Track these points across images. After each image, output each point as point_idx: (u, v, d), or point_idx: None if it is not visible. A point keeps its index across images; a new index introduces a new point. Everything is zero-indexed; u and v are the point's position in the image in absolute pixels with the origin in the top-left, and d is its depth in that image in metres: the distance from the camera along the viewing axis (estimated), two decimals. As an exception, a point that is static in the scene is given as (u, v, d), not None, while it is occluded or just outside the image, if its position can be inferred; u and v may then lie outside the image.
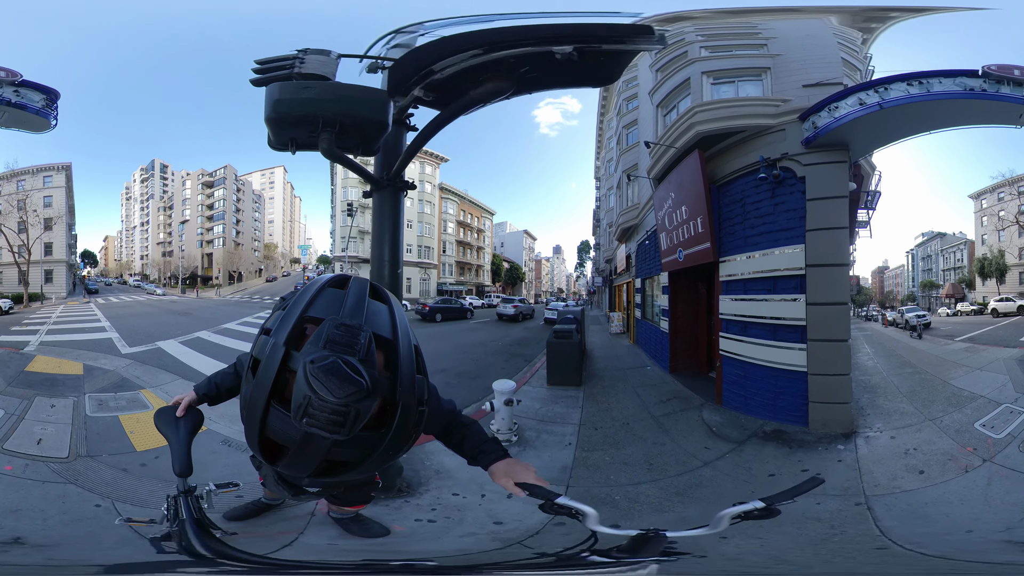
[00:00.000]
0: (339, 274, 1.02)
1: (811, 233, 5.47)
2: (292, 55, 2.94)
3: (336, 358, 0.80)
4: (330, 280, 1.01)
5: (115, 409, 6.29)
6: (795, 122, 6.30)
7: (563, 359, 8.27)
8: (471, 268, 66.22)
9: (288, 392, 0.84)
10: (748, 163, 6.60)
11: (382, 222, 3.71)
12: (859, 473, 4.64)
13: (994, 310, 29.65)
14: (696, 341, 9.34)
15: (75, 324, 16.05)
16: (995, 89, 5.63)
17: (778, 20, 9.02)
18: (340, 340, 0.84)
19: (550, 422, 6.28)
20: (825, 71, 7.55)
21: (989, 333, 16.56)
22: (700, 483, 4.44)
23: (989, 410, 6.09)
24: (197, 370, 8.47)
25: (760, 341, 6.10)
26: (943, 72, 5.83)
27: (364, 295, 0.97)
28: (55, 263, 47.98)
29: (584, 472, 4.82)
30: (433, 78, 2.78)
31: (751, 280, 6.31)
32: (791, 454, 5.06)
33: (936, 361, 10.66)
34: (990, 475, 4.52)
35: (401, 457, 1.02)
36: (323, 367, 0.77)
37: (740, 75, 8.14)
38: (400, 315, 0.98)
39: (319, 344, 0.83)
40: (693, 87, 8.19)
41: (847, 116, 5.53)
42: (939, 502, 4.05)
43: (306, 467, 0.89)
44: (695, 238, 7.12)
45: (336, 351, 0.82)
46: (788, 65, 7.85)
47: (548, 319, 23.05)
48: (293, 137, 2.72)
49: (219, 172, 66.38)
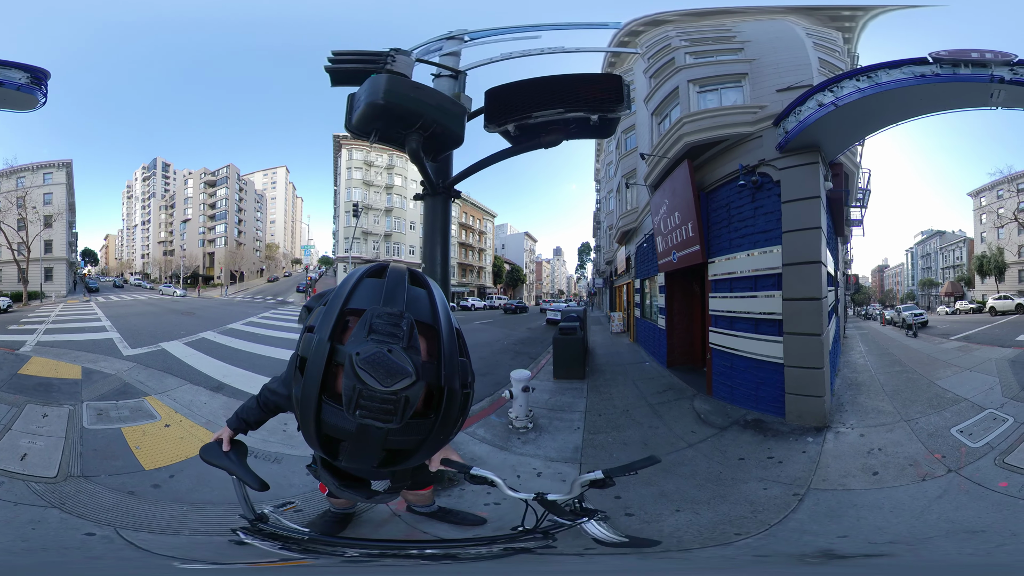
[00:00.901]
0: (377, 262, 1.02)
1: (786, 234, 5.98)
2: (384, 52, 3.16)
3: (380, 347, 0.81)
4: (368, 270, 1.01)
5: (117, 420, 5.74)
6: (771, 128, 6.63)
7: (568, 354, 8.88)
8: (473, 270, 66.51)
9: (338, 386, 0.85)
10: (732, 170, 7.10)
11: (434, 225, 3.94)
12: (816, 467, 4.69)
13: (992, 308, 29.95)
14: (691, 337, 9.89)
15: (74, 323, 15.82)
16: (950, 72, 5.60)
17: (745, 22, 9.46)
18: (383, 329, 0.85)
19: (559, 410, 6.87)
20: (796, 74, 7.83)
21: (985, 332, 16.68)
22: (682, 461, 4.93)
23: (971, 415, 5.83)
24: (205, 374, 8.29)
25: (744, 335, 6.66)
26: (888, 64, 5.81)
27: (403, 282, 0.97)
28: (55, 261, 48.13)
29: (591, 451, 5.39)
30: (527, 121, 3.17)
31: (736, 279, 6.87)
32: (764, 442, 5.43)
33: (927, 360, 10.89)
34: (948, 487, 4.19)
35: (451, 441, 1.06)
36: (368, 358, 0.79)
37: (722, 82, 8.47)
38: (440, 299, 0.98)
39: (363, 335, 0.84)
40: (681, 96, 8.61)
41: (809, 119, 5.86)
42: (870, 506, 3.93)
43: (370, 457, 0.91)
44: (686, 241, 7.71)
45: (380, 340, 0.83)
46: (763, 70, 8.18)
47: (551, 319, 23.61)
48: (379, 128, 2.88)
49: (221, 171, 66.94)
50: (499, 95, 3.09)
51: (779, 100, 7.12)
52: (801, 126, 5.87)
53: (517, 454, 5.28)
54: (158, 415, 6.10)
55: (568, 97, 2.94)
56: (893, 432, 5.56)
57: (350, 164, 48.98)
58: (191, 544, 3.29)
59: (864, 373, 9.52)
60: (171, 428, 5.74)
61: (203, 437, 5.33)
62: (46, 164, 45.77)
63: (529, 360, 11.62)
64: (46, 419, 5.56)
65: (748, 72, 8.22)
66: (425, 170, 3.59)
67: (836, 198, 8.96)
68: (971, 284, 50.31)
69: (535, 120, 2.93)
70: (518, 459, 5.14)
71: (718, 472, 4.67)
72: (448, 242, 3.85)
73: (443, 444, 0.96)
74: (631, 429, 6.10)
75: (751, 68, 8.29)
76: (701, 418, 6.24)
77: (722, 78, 8.45)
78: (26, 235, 36.08)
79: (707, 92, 8.49)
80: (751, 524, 3.64)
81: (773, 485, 4.32)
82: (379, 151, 50.42)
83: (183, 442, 5.33)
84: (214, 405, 6.78)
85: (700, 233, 7.30)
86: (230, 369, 8.79)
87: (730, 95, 8.19)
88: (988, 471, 4.38)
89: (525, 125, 3.02)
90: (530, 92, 3.03)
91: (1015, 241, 41.42)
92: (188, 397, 6.97)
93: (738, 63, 8.55)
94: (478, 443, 5.53)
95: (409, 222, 51.75)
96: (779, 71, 8.06)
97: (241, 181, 65.77)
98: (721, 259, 7.21)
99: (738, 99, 8.12)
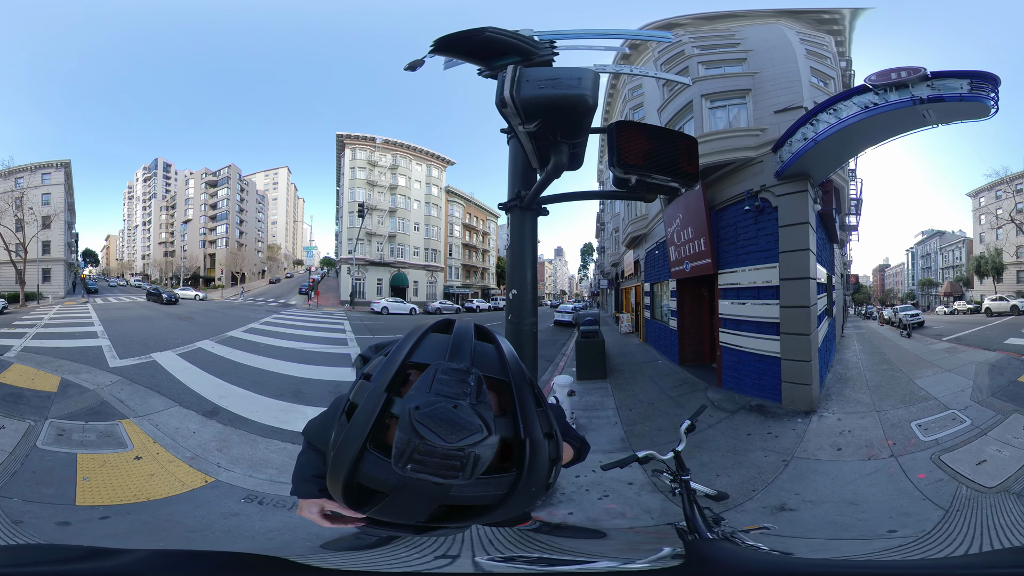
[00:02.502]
0: (442, 319, 1.01)
1: (783, 254, 7.37)
2: (547, 40, 3.14)
3: (445, 403, 0.79)
4: (433, 326, 0.99)
5: (76, 445, 5.21)
6: (770, 154, 7.76)
7: (591, 356, 9.89)
8: (477, 271, 67.18)
9: (388, 439, 0.81)
10: (737, 192, 8.44)
11: (523, 240, 3.68)
12: (800, 441, 5.98)
13: (987, 309, 31.29)
14: (700, 337, 11.27)
15: (66, 328, 15.69)
16: (884, 101, 6.05)
17: (746, 26, 10.39)
18: (448, 384, 0.82)
19: (593, 409, 7.74)
20: (790, 91, 8.75)
21: (976, 334, 17.64)
22: (708, 439, 6.26)
23: (934, 412, 6.56)
24: (199, 394, 7.65)
25: (749, 334, 8.07)
26: (842, 95, 6.51)
27: (470, 338, 0.96)
28: (53, 262, 48.64)
29: (635, 440, 6.39)
30: (647, 179, 2.91)
31: (742, 289, 8.28)
32: (765, 422, 6.79)
33: (914, 360, 11.75)
34: (880, 468, 5.08)
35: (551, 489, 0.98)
36: (430, 412, 0.77)
37: (730, 97, 9.45)
38: (510, 352, 0.97)
39: (425, 389, 0.82)
40: (695, 111, 9.71)
41: (799, 152, 6.86)
42: (824, 473, 5.07)
43: (416, 513, 0.87)
44: (699, 254, 9.10)
45: (444, 395, 0.80)
46: (764, 85, 9.15)
47: (558, 322, 24.35)
48: (553, 121, 2.64)
49: (223, 171, 67.77)
50: (632, 137, 2.80)
51: (777, 122, 8.27)
52: (793, 158, 7.10)
53: (575, 453, 6.32)
54: (130, 444, 5.43)
55: (676, 168, 2.87)
56: (864, 419, 6.66)
57: (353, 164, 49.54)
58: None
59: (854, 370, 10.68)
60: (142, 461, 5.05)
61: (182, 477, 4.77)
62: (44, 164, 46.58)
63: (547, 363, 12.30)
64: (3, 431, 5.32)
65: (752, 88, 9.23)
66: (544, 184, 3.34)
67: (827, 213, 10.31)
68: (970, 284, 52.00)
69: (651, 180, 2.83)
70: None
71: (734, 445, 6.07)
72: (536, 260, 3.77)
73: (540, 495, 0.94)
74: (660, 418, 7.27)
75: (754, 83, 9.26)
76: (715, 405, 7.60)
77: (730, 93, 9.42)
78: (23, 236, 36.85)
79: (717, 109, 9.53)
80: (758, 483, 5.06)
81: (771, 454, 5.75)
82: (383, 151, 51.30)
83: (152, 480, 4.64)
84: (204, 436, 5.91)
85: (711, 248, 8.70)
86: (228, 389, 8.06)
87: (736, 112, 9.21)
88: (921, 463, 5.07)
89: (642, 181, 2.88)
90: (657, 142, 2.85)
91: (1013, 242, 42.97)
92: (174, 423, 6.24)
93: (743, 76, 9.51)
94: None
95: (413, 223, 52.38)
96: (776, 87, 9.04)
97: (242, 182, 66.60)
98: (729, 271, 8.62)
99: (743, 115, 9.15)
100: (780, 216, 7.52)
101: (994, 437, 5.49)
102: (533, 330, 3.64)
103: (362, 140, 50.38)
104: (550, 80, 2.49)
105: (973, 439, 5.52)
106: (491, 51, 3.19)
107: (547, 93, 2.48)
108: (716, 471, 5.28)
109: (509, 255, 3.76)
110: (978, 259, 49.55)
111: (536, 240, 3.88)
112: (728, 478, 5.10)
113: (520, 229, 3.70)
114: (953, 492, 4.44)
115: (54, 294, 42.43)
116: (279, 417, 6.83)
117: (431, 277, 54.08)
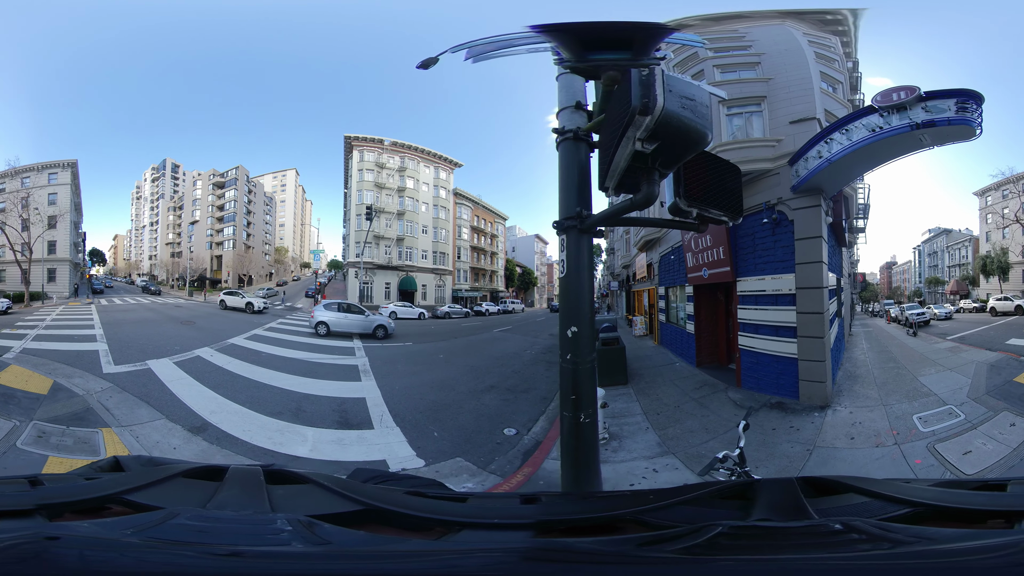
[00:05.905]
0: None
1: (798, 265, 8.13)
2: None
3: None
4: None
5: (51, 448, 5.34)
6: (786, 167, 8.32)
7: (612, 363, 10.16)
8: (485, 274, 67.31)
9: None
10: (755, 203, 8.97)
11: (579, 262, 3.23)
12: (819, 433, 6.62)
13: (992, 309, 32.04)
14: (716, 340, 12.03)
15: (66, 330, 15.99)
16: (888, 124, 6.43)
17: (755, 28, 10.65)
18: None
19: (621, 416, 7.83)
20: (803, 100, 9.09)
21: (980, 334, 18.27)
22: (738, 436, 7.11)
23: (934, 407, 7.23)
24: (189, 407, 7.25)
25: (767, 337, 8.85)
26: (853, 115, 6.89)
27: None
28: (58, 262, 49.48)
29: (670, 443, 6.55)
30: (705, 213, 2.83)
31: (761, 296, 9.05)
32: (785, 417, 7.46)
33: (918, 358, 12.47)
34: (885, 454, 5.75)
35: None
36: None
37: (745, 104, 9.74)
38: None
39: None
40: (713, 119, 10.34)
41: (815, 169, 7.50)
42: (841, 459, 5.82)
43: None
44: (717, 262, 9.89)
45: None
46: (778, 92, 9.45)
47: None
48: (678, 144, 2.35)
49: (231, 173, 68.70)
50: (696, 168, 2.70)
51: (792, 133, 8.80)
52: (809, 175, 7.80)
53: (618, 462, 6.04)
54: (104, 453, 5.44)
55: (732, 203, 2.83)
56: (872, 412, 7.37)
57: (361, 166, 50.23)
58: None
59: (863, 368, 11.51)
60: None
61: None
62: (51, 164, 47.37)
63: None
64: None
65: (767, 95, 9.55)
66: (622, 212, 3.05)
67: (836, 220, 11.01)
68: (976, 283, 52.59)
69: (709, 214, 2.76)
70: (625, 466, 5.91)
71: (762, 439, 6.68)
72: (593, 280, 3.42)
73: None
74: (688, 420, 7.54)
75: (768, 89, 9.53)
76: (736, 404, 8.32)
77: (746, 100, 9.72)
78: (28, 236, 37.39)
79: (734, 116, 9.89)
80: (791, 470, 5.72)
81: (796, 445, 6.41)
82: (391, 152, 51.71)
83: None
84: (185, 454, 5.71)
85: (730, 256, 9.48)
86: (221, 403, 7.69)
87: (752, 120, 9.57)
88: (919, 451, 5.73)
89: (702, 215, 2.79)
90: (714, 173, 2.79)
91: (1019, 241, 43.53)
92: (155, 437, 6.11)
93: (757, 83, 9.76)
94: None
95: (421, 226, 52.81)
96: (790, 95, 9.36)
97: (250, 183, 67.06)
98: (747, 279, 9.40)
99: (759, 123, 9.51)
100: (796, 230, 8.25)
101: (982, 431, 6.14)
102: (592, 367, 3.10)
103: (370, 142, 51.12)
104: (688, 100, 2.22)
105: (964, 432, 6.18)
106: (600, 41, 2.61)
107: (685, 116, 2.20)
108: (755, 463, 6.01)
109: (564, 284, 3.23)
110: (983, 258, 50.20)
111: (593, 266, 3.47)
112: (766, 468, 5.73)
113: (577, 254, 3.18)
114: (940, 476, 5.01)
115: (59, 294, 42.75)
116: (273, 438, 6.38)
117: (439, 280, 54.63)
